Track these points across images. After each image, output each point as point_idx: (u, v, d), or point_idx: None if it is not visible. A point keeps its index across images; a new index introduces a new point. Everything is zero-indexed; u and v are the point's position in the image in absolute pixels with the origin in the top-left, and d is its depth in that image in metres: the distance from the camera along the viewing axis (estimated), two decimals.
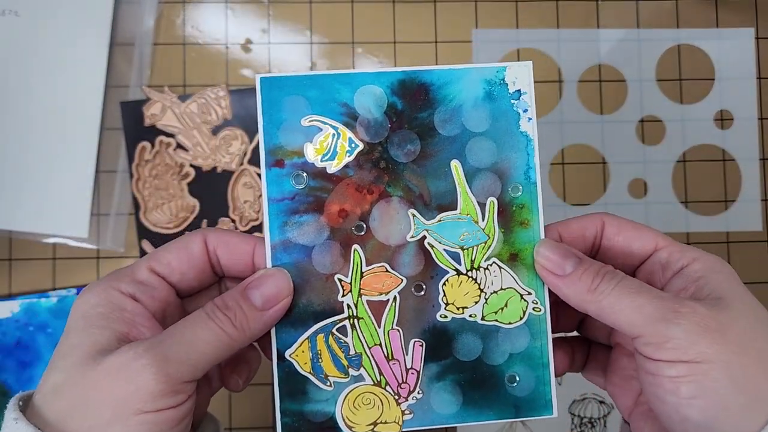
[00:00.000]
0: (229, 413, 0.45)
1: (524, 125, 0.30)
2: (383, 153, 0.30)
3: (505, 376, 0.30)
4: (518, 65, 0.30)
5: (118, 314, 0.24)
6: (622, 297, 0.25)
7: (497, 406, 0.30)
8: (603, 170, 0.48)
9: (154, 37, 0.46)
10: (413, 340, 0.29)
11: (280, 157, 0.29)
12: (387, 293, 0.29)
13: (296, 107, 0.29)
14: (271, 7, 0.47)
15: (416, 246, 0.29)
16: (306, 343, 0.29)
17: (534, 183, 0.30)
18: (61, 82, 0.45)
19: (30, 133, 0.45)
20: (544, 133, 0.47)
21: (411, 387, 0.29)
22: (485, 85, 0.30)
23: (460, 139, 0.30)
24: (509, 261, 0.30)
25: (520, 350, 0.30)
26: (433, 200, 0.30)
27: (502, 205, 0.30)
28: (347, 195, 0.30)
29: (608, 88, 0.48)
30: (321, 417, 0.29)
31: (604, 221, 0.30)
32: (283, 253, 0.29)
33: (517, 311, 0.30)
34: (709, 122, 0.48)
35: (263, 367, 0.45)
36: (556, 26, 0.48)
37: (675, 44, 0.49)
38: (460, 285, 0.30)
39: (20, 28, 0.45)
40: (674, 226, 0.47)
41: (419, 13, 0.47)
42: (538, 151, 0.30)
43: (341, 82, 0.30)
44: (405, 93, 0.30)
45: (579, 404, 0.46)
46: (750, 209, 0.48)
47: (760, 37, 0.49)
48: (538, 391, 0.30)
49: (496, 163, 0.30)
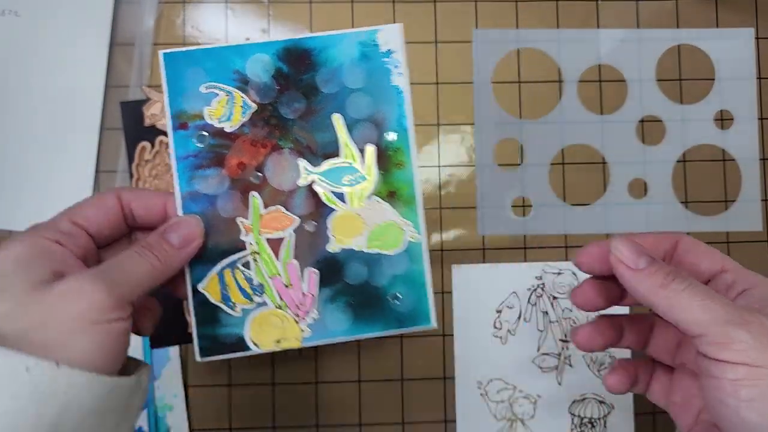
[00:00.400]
0: (229, 413, 0.45)
1: (395, 80, 0.35)
2: (273, 112, 0.34)
3: (389, 295, 0.35)
4: (388, 27, 0.35)
5: (48, 256, 0.28)
6: (693, 296, 0.27)
7: (383, 320, 0.35)
8: (603, 170, 0.48)
9: (154, 37, 0.46)
10: (308, 269, 0.34)
11: (184, 120, 0.34)
12: (283, 231, 0.34)
13: (195, 77, 0.34)
14: (271, 7, 0.47)
15: (306, 190, 0.34)
16: (215, 277, 0.34)
17: (406, 129, 0.35)
18: (60, 82, 0.45)
19: (30, 133, 0.45)
20: (544, 133, 0.47)
21: (308, 309, 0.34)
22: (360, 47, 0.34)
23: (340, 95, 0.34)
24: (388, 197, 0.35)
25: (401, 273, 0.35)
26: (319, 150, 0.35)
27: (379, 150, 0.35)
28: (244, 150, 0.34)
29: (608, 88, 0.48)
30: (232, 338, 0.34)
31: (678, 240, 0.32)
32: (191, 203, 0.34)
33: (397, 240, 0.35)
34: (709, 122, 0.48)
35: (262, 367, 0.45)
36: (556, 26, 0.48)
37: (675, 44, 0.49)
38: (346, 221, 0.35)
39: (20, 28, 0.45)
40: (674, 226, 0.47)
41: (419, 13, 0.47)
42: (410, 102, 0.34)
43: (233, 52, 0.34)
44: (290, 58, 0.34)
45: (579, 404, 0.46)
46: (750, 209, 0.48)
47: (760, 37, 0.49)
48: (418, 307, 0.35)
49: (372, 114, 0.34)
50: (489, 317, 0.46)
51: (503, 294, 0.46)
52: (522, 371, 0.46)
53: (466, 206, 0.47)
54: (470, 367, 0.46)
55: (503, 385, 0.46)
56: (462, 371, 0.46)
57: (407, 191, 0.35)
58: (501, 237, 0.47)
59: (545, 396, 0.46)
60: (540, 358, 0.46)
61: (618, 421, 0.46)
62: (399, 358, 0.46)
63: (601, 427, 0.46)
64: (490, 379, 0.46)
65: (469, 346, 0.46)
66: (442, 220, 0.47)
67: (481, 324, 0.46)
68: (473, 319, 0.46)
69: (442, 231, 0.47)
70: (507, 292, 0.46)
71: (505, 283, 0.46)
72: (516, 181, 0.47)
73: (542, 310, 0.46)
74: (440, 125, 0.47)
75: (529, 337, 0.46)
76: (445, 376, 0.46)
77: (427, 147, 0.47)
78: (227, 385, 0.45)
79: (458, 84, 0.47)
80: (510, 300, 0.46)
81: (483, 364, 0.46)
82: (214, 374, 0.45)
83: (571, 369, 0.46)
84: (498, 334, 0.46)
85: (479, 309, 0.46)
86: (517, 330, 0.46)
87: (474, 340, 0.46)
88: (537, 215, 0.47)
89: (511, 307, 0.46)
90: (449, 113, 0.47)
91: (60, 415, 0.25)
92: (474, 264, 0.46)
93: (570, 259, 0.47)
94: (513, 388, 0.46)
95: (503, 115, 0.47)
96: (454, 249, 0.46)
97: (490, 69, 0.48)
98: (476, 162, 0.47)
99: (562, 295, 0.46)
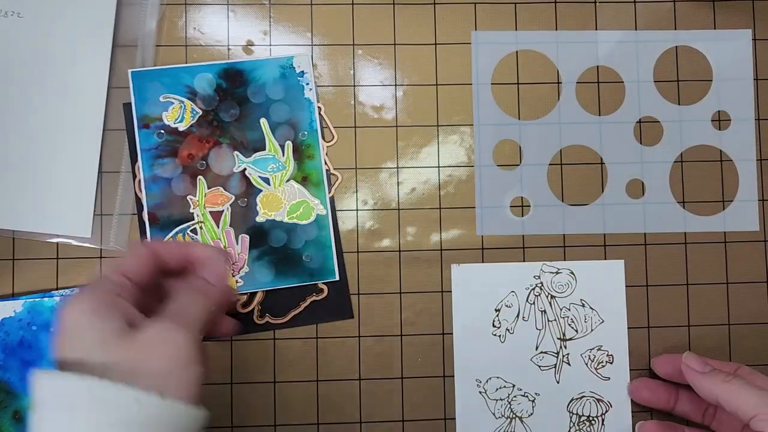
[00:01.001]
0: (231, 412, 0.45)
1: (307, 93, 0.46)
2: (215, 116, 0.45)
3: (303, 255, 0.45)
4: (301, 55, 0.46)
5: (116, 306, 0.32)
6: (750, 388, 0.37)
7: (299, 274, 0.45)
8: (601, 171, 0.48)
9: (157, 39, 0.46)
10: (241, 235, 0.45)
11: (147, 122, 0.45)
12: (222, 206, 0.45)
13: (156, 89, 0.45)
14: (273, 9, 0.47)
15: (240, 175, 0.45)
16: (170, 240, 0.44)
17: (315, 130, 0.46)
18: (63, 83, 0.46)
19: (33, 134, 0.45)
20: (542, 133, 0.48)
21: (241, 265, 0.45)
22: (280, 69, 0.46)
23: (266, 104, 0.46)
24: (302, 181, 0.46)
25: (311, 239, 0.45)
26: (250, 145, 0.46)
27: (295, 145, 0.46)
28: (192, 144, 0.45)
29: (606, 89, 0.48)
30: None
31: (737, 369, 0.43)
32: (152, 184, 0.45)
33: (309, 213, 0.45)
34: (706, 123, 0.49)
35: (262, 367, 0.45)
36: (555, 28, 0.48)
37: (673, 46, 0.49)
38: (270, 198, 0.45)
39: (23, 29, 0.46)
40: (671, 226, 0.48)
41: (419, 15, 0.48)
42: (326, 112, 0.46)
43: (185, 72, 0.46)
44: (227, 76, 0.46)
45: (577, 402, 0.46)
46: (747, 209, 0.48)
47: (757, 38, 0.49)
48: (324, 264, 0.45)
49: (289, 119, 0.46)
50: (488, 316, 0.46)
51: (502, 293, 0.47)
52: (521, 369, 0.46)
53: (465, 206, 0.47)
54: (469, 365, 0.46)
55: (502, 383, 0.46)
56: (461, 369, 0.46)
57: (316, 176, 0.46)
58: (500, 237, 0.47)
59: (544, 394, 0.46)
60: (538, 356, 0.46)
61: (616, 419, 0.46)
62: (399, 356, 0.46)
63: (599, 425, 0.46)
64: (489, 377, 0.46)
65: (468, 344, 0.46)
66: (442, 220, 0.47)
67: (481, 323, 0.46)
68: (472, 318, 0.46)
69: (442, 231, 0.47)
70: (506, 291, 0.47)
71: (504, 282, 0.47)
72: (515, 181, 0.47)
73: (540, 308, 0.47)
74: (439, 126, 0.47)
75: (527, 335, 0.46)
76: (444, 375, 0.46)
77: (426, 148, 0.47)
78: (228, 384, 0.45)
79: (457, 85, 0.48)
80: (509, 299, 0.47)
81: (482, 363, 0.46)
82: (215, 374, 0.45)
83: (569, 367, 0.46)
84: (497, 333, 0.46)
85: (478, 308, 0.46)
86: (515, 328, 0.46)
87: (473, 338, 0.46)
88: (535, 215, 0.47)
89: (510, 305, 0.47)
90: (448, 114, 0.48)
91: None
92: (473, 264, 0.47)
93: (569, 259, 0.47)
94: (512, 386, 0.46)
95: (502, 116, 0.48)
96: (453, 249, 0.47)
97: (489, 70, 0.48)
98: (475, 162, 0.47)
99: (560, 293, 0.47)
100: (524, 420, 0.46)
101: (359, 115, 0.47)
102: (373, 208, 0.47)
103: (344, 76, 0.47)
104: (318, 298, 0.45)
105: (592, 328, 0.47)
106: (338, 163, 0.47)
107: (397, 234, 0.47)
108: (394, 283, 0.46)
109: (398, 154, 0.47)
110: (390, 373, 0.46)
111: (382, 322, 0.46)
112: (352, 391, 0.46)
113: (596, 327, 0.47)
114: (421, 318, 0.46)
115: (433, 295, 0.47)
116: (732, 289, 0.48)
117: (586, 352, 0.47)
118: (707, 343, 0.47)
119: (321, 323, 0.46)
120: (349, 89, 0.47)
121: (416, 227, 0.47)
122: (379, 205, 0.47)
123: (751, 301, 0.48)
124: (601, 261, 0.47)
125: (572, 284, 0.47)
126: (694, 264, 0.48)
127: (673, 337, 0.47)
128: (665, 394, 0.44)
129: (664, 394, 0.44)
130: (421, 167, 0.47)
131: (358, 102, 0.47)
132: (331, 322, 0.46)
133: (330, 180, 0.46)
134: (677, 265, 0.48)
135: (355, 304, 0.46)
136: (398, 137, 0.47)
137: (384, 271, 0.46)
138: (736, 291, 0.48)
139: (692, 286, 0.48)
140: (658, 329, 0.47)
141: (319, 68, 0.47)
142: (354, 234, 0.46)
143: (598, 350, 0.47)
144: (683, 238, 0.48)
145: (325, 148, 0.46)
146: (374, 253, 0.46)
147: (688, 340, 0.47)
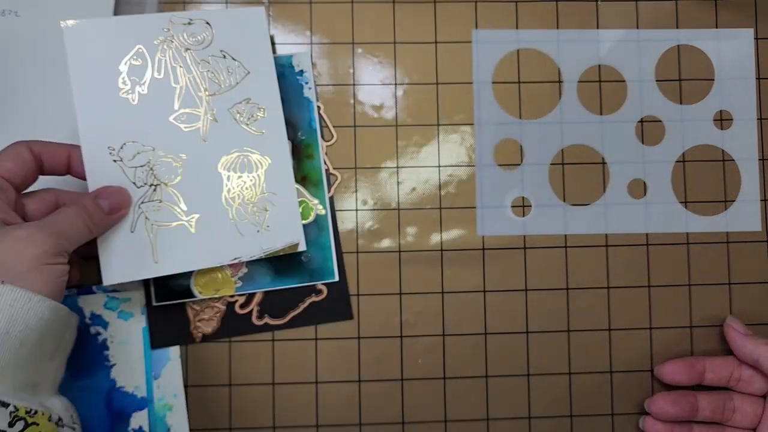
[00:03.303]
0: (230, 413, 0.45)
1: (306, 92, 0.45)
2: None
3: (302, 255, 0.44)
4: (300, 54, 0.46)
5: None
6: None
7: (298, 275, 0.44)
8: (602, 170, 0.48)
9: None
10: None
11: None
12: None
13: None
14: (272, 8, 0.47)
15: None
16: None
17: (315, 129, 0.45)
18: (60, 82, 0.45)
19: (30, 135, 0.45)
20: (543, 133, 0.48)
21: (240, 267, 0.44)
22: (279, 68, 0.45)
23: None
24: (301, 181, 0.45)
25: (311, 239, 0.44)
26: None
27: (294, 145, 0.45)
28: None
29: (608, 88, 0.48)
30: (181, 288, 0.44)
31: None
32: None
33: (308, 213, 0.45)
34: (708, 122, 0.48)
35: (262, 367, 0.45)
36: (556, 27, 0.48)
37: (674, 44, 0.49)
38: None
39: (20, 28, 0.45)
40: (673, 226, 0.48)
41: (419, 13, 0.47)
42: (326, 111, 0.46)
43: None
44: None
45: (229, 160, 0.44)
46: (749, 209, 0.48)
47: (759, 37, 0.49)
48: (324, 265, 0.45)
49: (289, 118, 0.45)
50: (113, 75, 0.42)
51: (127, 49, 0.42)
52: (160, 131, 0.42)
53: (465, 206, 0.47)
54: (98, 131, 0.41)
55: (140, 148, 0.42)
56: (88, 136, 0.41)
57: (315, 176, 0.45)
58: (501, 237, 0.47)
59: (190, 156, 0.42)
60: (180, 115, 0.42)
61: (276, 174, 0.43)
62: (399, 357, 0.46)
63: (258, 182, 0.43)
64: (124, 143, 0.41)
65: (92, 108, 0.41)
66: (442, 221, 0.47)
67: (104, 83, 0.41)
68: (95, 79, 0.41)
69: (442, 231, 0.47)
70: (132, 46, 0.42)
71: (129, 36, 0.42)
72: (516, 181, 0.47)
73: (175, 63, 0.43)
74: (440, 125, 0.47)
75: (164, 93, 0.42)
76: (445, 377, 0.46)
77: (426, 147, 0.47)
78: (227, 385, 0.45)
79: (458, 84, 0.47)
80: (136, 55, 0.42)
81: (113, 127, 0.41)
82: (214, 374, 0.45)
83: (216, 124, 0.43)
84: (126, 94, 0.42)
85: (101, 67, 0.42)
86: (149, 87, 0.42)
87: (97, 101, 0.41)
88: (536, 215, 0.47)
89: (138, 62, 0.42)
90: (449, 113, 0.47)
91: (9, 325, 0.31)
92: (89, 18, 0.42)
93: (569, 259, 0.47)
94: (151, 150, 0.42)
95: (503, 116, 0.48)
96: (453, 249, 0.47)
97: (490, 69, 0.48)
98: (476, 162, 0.47)
99: (196, 46, 0.43)
100: (170, 185, 0.42)
101: (359, 115, 0.47)
102: (373, 208, 0.46)
103: (344, 75, 0.47)
104: (317, 298, 0.45)
105: (237, 81, 0.43)
106: (338, 163, 0.46)
107: (397, 234, 0.46)
108: (394, 283, 0.46)
109: (398, 153, 0.47)
110: (390, 375, 0.46)
111: (382, 324, 0.46)
112: (352, 392, 0.46)
113: (242, 79, 0.43)
114: (422, 319, 0.46)
115: (433, 296, 0.46)
116: (734, 290, 0.47)
117: (234, 106, 0.43)
118: (710, 344, 0.47)
119: (320, 324, 0.46)
120: (349, 88, 0.47)
121: (416, 227, 0.47)
122: (378, 205, 0.47)
123: (753, 301, 0.47)
124: (240, 8, 0.46)
125: (209, 35, 0.43)
126: (696, 264, 0.47)
127: (676, 338, 0.47)
128: (687, 404, 0.43)
129: (687, 404, 0.43)
130: (421, 167, 0.47)
131: (357, 101, 0.47)
132: (331, 323, 0.46)
133: (329, 180, 0.45)
134: (679, 265, 0.47)
135: (355, 304, 0.46)
136: (398, 136, 0.47)
137: (384, 272, 0.46)
138: (738, 291, 0.47)
139: (694, 286, 0.47)
140: (660, 330, 0.47)
141: (319, 67, 0.47)
142: (354, 234, 0.46)
143: (247, 103, 0.43)
144: (685, 239, 0.48)
145: (324, 147, 0.45)
146: (374, 254, 0.46)
147: (691, 340, 0.47)
